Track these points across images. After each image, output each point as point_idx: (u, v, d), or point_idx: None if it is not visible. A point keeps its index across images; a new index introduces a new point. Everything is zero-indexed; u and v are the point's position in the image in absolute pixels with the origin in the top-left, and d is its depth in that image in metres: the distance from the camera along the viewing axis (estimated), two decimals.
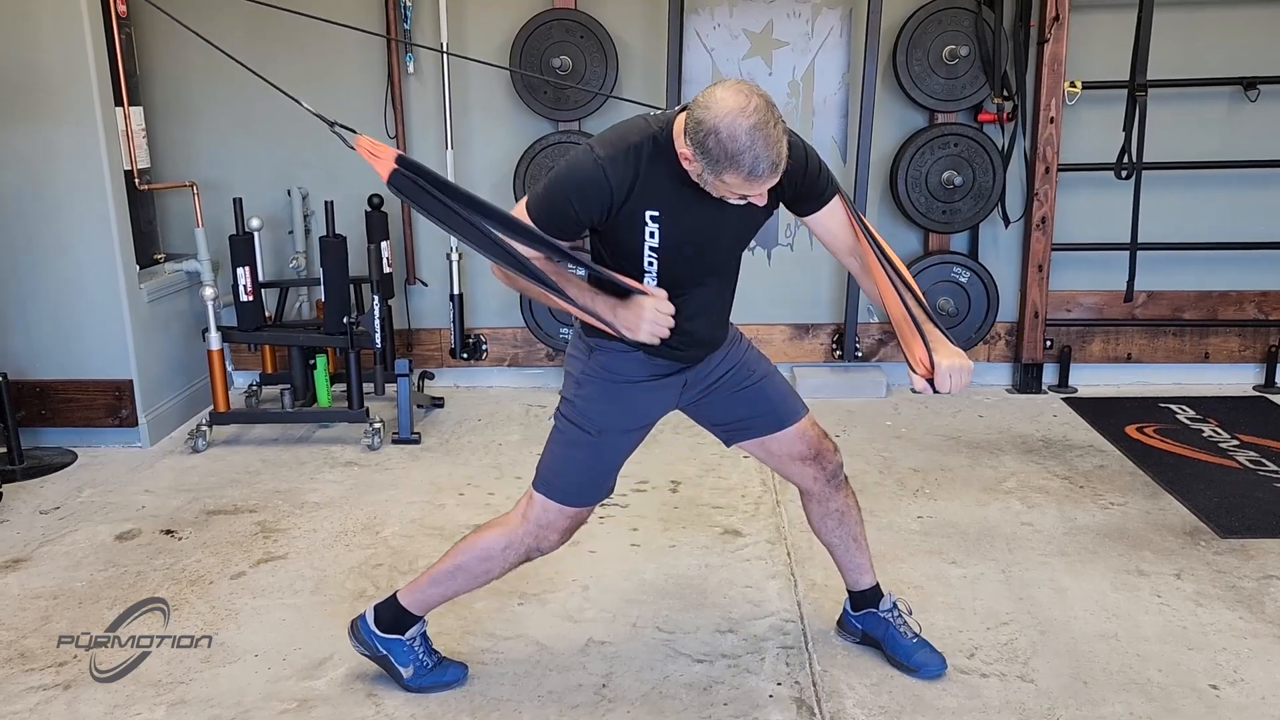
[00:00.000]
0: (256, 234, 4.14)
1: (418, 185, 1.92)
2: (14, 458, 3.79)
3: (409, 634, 2.30)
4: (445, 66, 4.42)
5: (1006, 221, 4.54)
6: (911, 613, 2.45)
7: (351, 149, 2.01)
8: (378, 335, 4.01)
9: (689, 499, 3.44)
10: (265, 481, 3.67)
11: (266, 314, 4.26)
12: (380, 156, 1.93)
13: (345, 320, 4.01)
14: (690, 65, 4.50)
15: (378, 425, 4.00)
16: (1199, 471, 3.60)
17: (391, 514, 3.36)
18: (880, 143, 4.47)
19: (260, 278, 4.14)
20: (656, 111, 2.00)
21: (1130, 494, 3.44)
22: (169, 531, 3.24)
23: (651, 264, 1.99)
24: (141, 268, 4.09)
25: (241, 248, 4.05)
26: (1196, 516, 3.22)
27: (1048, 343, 4.68)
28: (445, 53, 4.34)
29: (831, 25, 4.51)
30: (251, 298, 4.07)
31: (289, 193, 4.59)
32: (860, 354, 4.72)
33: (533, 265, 1.95)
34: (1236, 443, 3.89)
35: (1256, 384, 4.71)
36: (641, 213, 1.94)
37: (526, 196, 1.99)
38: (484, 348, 4.80)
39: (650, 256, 1.98)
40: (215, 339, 4.03)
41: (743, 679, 2.37)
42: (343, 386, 4.28)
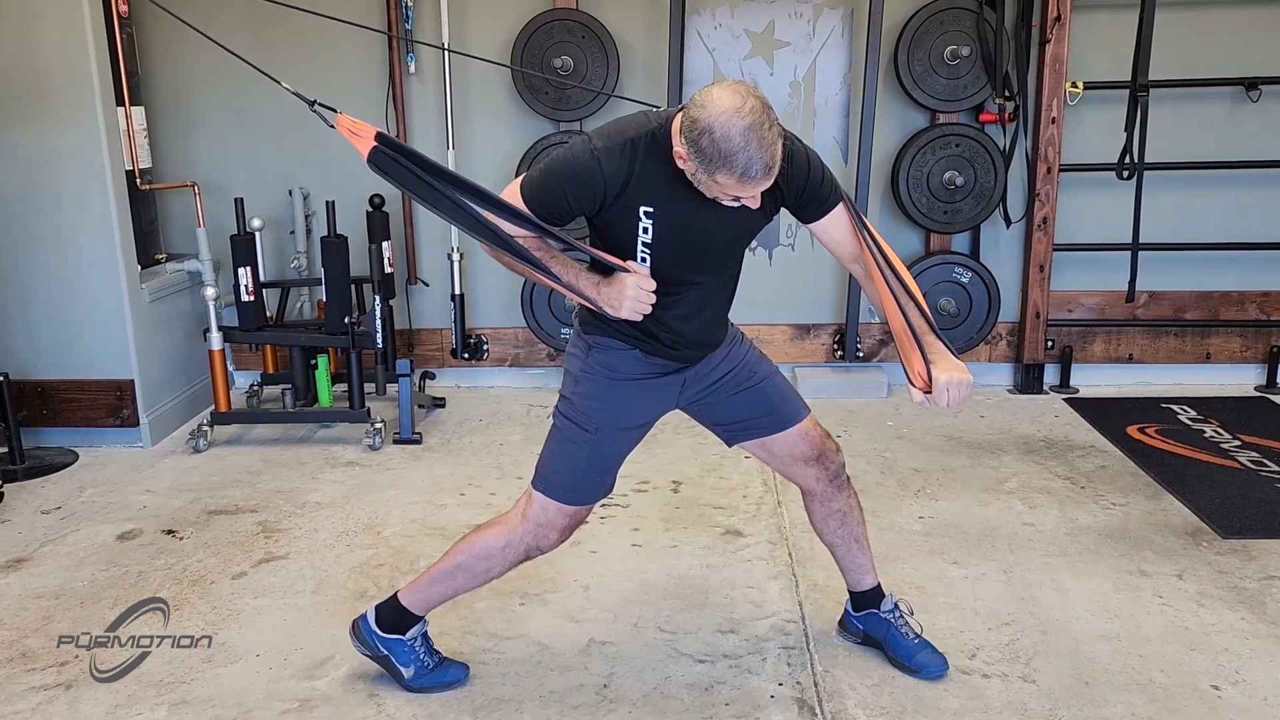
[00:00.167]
0: (258, 234, 4.14)
1: (399, 163, 1.92)
2: (15, 457, 3.79)
3: (410, 634, 2.30)
4: (446, 66, 4.42)
5: (1008, 222, 4.54)
6: (913, 613, 2.45)
7: (331, 127, 2.02)
8: (379, 335, 4.01)
9: (690, 499, 3.44)
10: (266, 481, 3.67)
11: (268, 314, 4.26)
12: (360, 135, 1.93)
13: (346, 320, 4.01)
14: (691, 65, 4.50)
15: (379, 425, 4.00)
16: (1201, 472, 3.59)
17: (393, 514, 3.36)
18: (882, 143, 4.47)
19: (261, 278, 4.14)
20: (658, 109, 2.01)
21: (1132, 494, 3.44)
22: (170, 531, 3.25)
23: (644, 259, 1.99)
24: (143, 268, 4.09)
25: (243, 248, 4.05)
26: (1198, 517, 3.22)
27: (1049, 343, 4.68)
28: (447, 50, 4.34)
29: (833, 25, 4.51)
30: (253, 298, 4.07)
31: (290, 193, 4.59)
32: (861, 354, 4.71)
33: (516, 243, 1.96)
34: (1238, 443, 3.89)
35: (1258, 384, 4.71)
36: (635, 208, 1.94)
37: (521, 177, 2.00)
38: (485, 348, 4.80)
39: (643, 252, 1.98)
40: (216, 339, 4.04)
41: (744, 679, 2.37)
42: (344, 386, 4.28)
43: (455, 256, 4.55)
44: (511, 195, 1.98)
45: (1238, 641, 2.50)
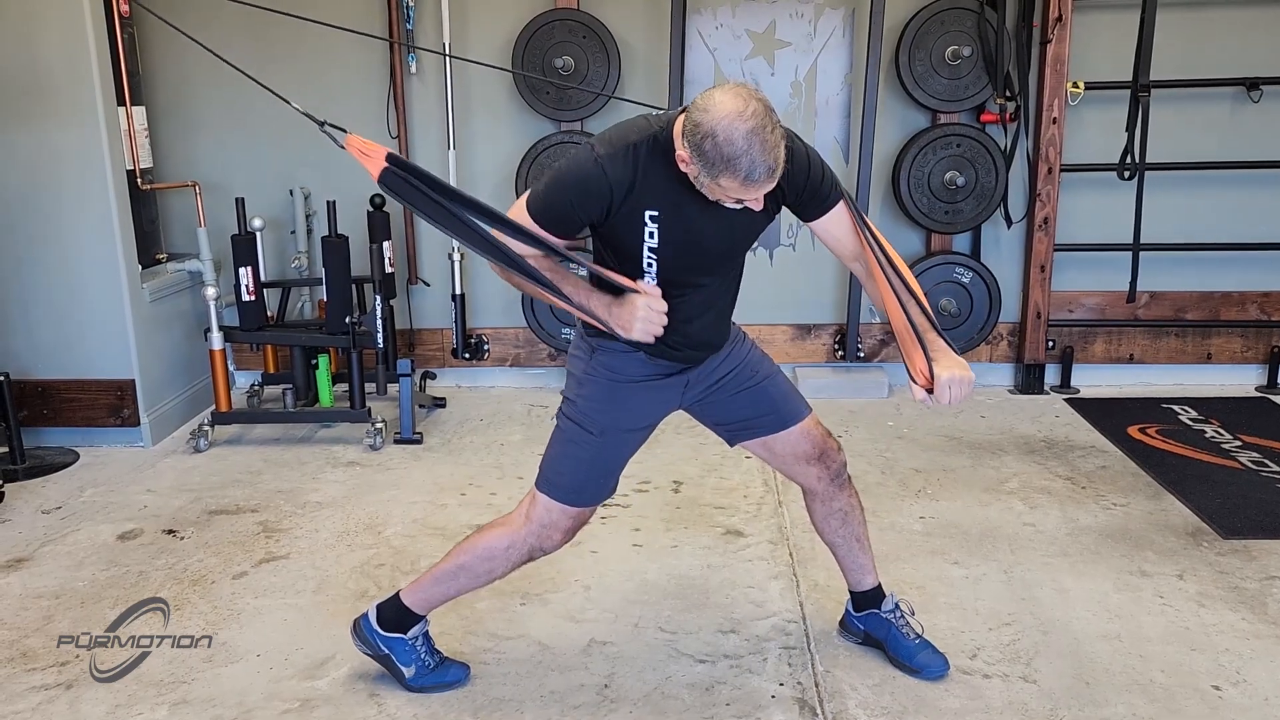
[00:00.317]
0: (259, 234, 4.14)
1: (409, 184, 1.91)
2: (16, 457, 3.79)
3: (411, 633, 2.30)
4: (447, 66, 4.41)
5: (1009, 222, 4.54)
6: (914, 613, 2.45)
7: (342, 148, 2.01)
8: (380, 335, 4.01)
9: (691, 499, 3.44)
10: (267, 481, 3.67)
11: (268, 314, 4.26)
12: (371, 155, 1.92)
13: (347, 320, 4.01)
14: (693, 65, 4.50)
15: (380, 425, 4.00)
16: (1201, 472, 3.59)
17: (393, 514, 3.36)
18: (883, 143, 4.47)
19: (262, 277, 4.14)
20: (659, 111, 2.00)
21: (1132, 495, 3.43)
22: (171, 531, 3.25)
23: (650, 264, 1.99)
24: (144, 267, 4.09)
25: (244, 247, 4.05)
26: (1199, 517, 3.22)
27: (1050, 343, 4.67)
28: (448, 55, 4.34)
29: (834, 25, 4.51)
30: (253, 297, 4.08)
31: (291, 192, 4.59)
32: (862, 354, 4.71)
33: (527, 263, 1.95)
34: (1239, 443, 3.88)
35: (1259, 385, 4.71)
36: (640, 213, 1.94)
37: (527, 193, 1.99)
38: (486, 348, 4.80)
39: (649, 257, 1.98)
40: (217, 339, 4.04)
41: (745, 679, 2.37)
42: (344, 386, 4.28)
43: (456, 256, 4.55)
44: (518, 213, 1.96)
45: (1238, 642, 2.50)
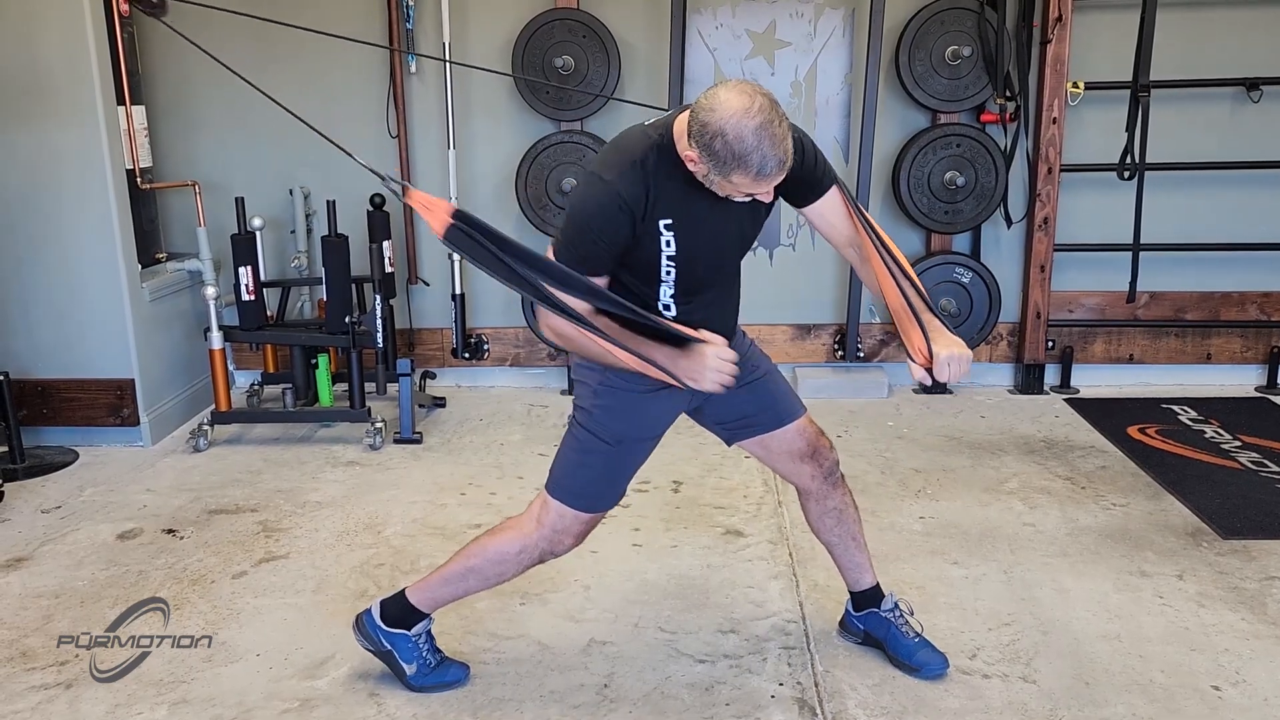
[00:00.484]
0: (258, 233, 4.14)
1: (473, 239, 1.89)
2: (15, 457, 3.79)
3: (415, 630, 2.31)
4: (447, 66, 4.41)
5: (1009, 222, 4.54)
6: (913, 613, 2.45)
7: (402, 201, 2.00)
8: (379, 335, 4.01)
9: (691, 499, 3.44)
10: (267, 481, 3.67)
11: (268, 313, 4.26)
12: (434, 210, 1.91)
13: (347, 320, 4.01)
14: (693, 65, 4.50)
15: (379, 425, 4.00)
16: (1201, 472, 3.59)
17: (393, 513, 3.35)
18: (882, 143, 4.47)
19: (262, 277, 4.14)
20: (653, 119, 1.99)
21: (1132, 495, 3.43)
22: (170, 531, 3.24)
23: (669, 273, 2.00)
24: (143, 267, 4.09)
25: (243, 247, 4.05)
26: (1198, 517, 3.22)
27: (1050, 343, 4.67)
28: (448, 61, 4.34)
29: (834, 25, 4.51)
30: (253, 297, 4.07)
31: (291, 192, 4.58)
32: (862, 354, 4.71)
33: (587, 319, 1.93)
34: (1238, 444, 3.88)
35: (1258, 385, 4.71)
36: (656, 224, 1.94)
37: (550, 246, 1.98)
38: (486, 347, 4.80)
39: (668, 266, 1.99)
40: (217, 338, 4.04)
41: (745, 679, 2.37)
42: (344, 386, 4.28)
43: (455, 256, 4.55)
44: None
45: (1238, 642, 2.50)
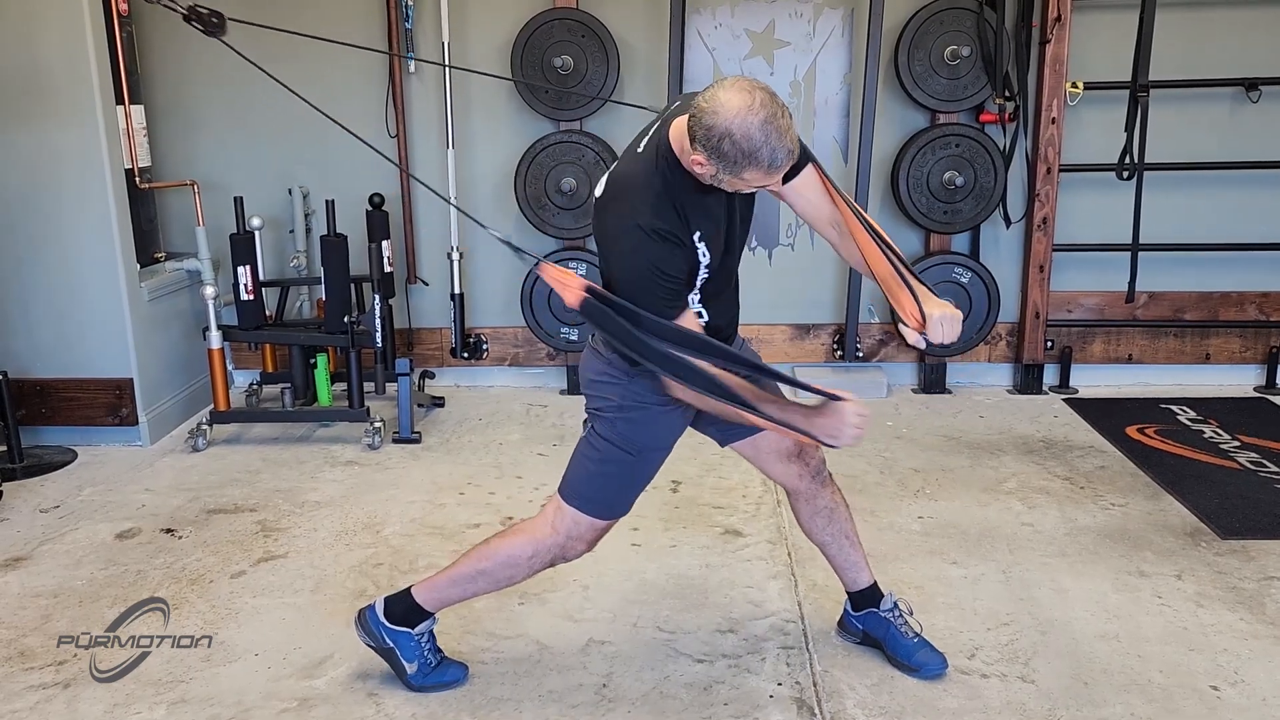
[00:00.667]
0: (257, 233, 4.14)
1: (606, 313, 1.93)
2: (14, 456, 3.79)
3: (419, 629, 2.31)
4: (446, 69, 4.41)
5: (1008, 222, 4.54)
6: (912, 613, 2.45)
7: (535, 272, 2.10)
8: (378, 334, 4.01)
9: (690, 499, 3.44)
10: (265, 480, 3.67)
11: (267, 313, 4.26)
12: (568, 284, 1.96)
13: (346, 319, 4.01)
14: (692, 65, 4.50)
15: (378, 424, 4.00)
16: (1200, 472, 3.59)
17: (392, 513, 3.35)
18: (882, 143, 4.47)
19: (261, 277, 4.14)
20: (634, 140, 2.02)
21: (1131, 495, 3.44)
22: (169, 530, 3.24)
23: (704, 279, 2.02)
24: (142, 266, 4.09)
25: (242, 246, 4.05)
26: (1197, 517, 3.22)
27: (1049, 343, 4.68)
28: (448, 66, 4.34)
29: (833, 25, 4.51)
30: (252, 297, 4.07)
31: (290, 191, 4.58)
32: (861, 354, 4.71)
33: (721, 381, 1.95)
34: (1237, 444, 3.89)
35: (1257, 385, 4.71)
36: (693, 238, 1.97)
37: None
38: (485, 347, 4.80)
39: (704, 275, 2.01)
40: (216, 338, 4.03)
41: (743, 679, 2.37)
42: (343, 386, 4.28)
43: (455, 256, 4.55)
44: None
45: (1237, 642, 2.50)
